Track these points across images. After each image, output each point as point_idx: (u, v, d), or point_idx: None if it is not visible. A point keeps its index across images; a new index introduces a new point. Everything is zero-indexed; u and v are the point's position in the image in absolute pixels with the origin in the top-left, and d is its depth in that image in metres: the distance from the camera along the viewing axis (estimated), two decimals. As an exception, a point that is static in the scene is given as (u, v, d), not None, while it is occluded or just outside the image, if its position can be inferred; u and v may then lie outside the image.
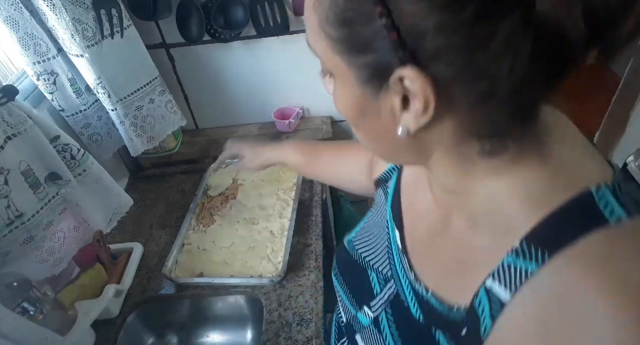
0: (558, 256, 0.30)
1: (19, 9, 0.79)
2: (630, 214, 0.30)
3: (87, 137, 1.02)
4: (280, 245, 0.95)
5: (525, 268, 0.31)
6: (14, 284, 0.71)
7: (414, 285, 0.44)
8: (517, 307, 0.32)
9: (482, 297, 0.34)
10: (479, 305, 0.34)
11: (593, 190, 0.31)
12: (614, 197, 0.31)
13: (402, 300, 0.45)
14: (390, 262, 0.49)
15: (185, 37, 1.11)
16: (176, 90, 1.27)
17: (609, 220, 0.30)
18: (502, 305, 0.32)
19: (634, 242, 0.29)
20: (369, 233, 0.55)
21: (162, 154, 1.25)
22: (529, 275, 0.31)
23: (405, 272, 0.46)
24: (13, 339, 0.62)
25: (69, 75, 0.92)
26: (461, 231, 0.40)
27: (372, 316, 0.49)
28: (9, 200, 0.71)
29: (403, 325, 0.45)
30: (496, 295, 0.33)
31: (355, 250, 0.56)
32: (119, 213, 0.99)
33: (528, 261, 0.31)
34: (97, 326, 0.83)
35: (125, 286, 0.89)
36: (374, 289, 0.50)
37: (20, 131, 0.74)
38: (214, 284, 0.90)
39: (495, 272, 0.33)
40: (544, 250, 0.31)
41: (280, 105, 1.31)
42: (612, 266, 0.28)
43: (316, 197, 1.10)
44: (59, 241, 0.83)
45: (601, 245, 0.29)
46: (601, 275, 0.28)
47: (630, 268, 0.28)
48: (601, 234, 0.29)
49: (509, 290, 0.32)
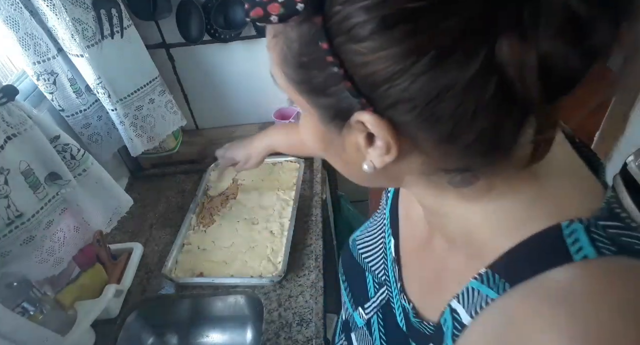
0: (517, 288, 0.30)
1: (19, 9, 0.79)
2: (601, 253, 0.28)
3: (87, 137, 1.02)
4: (280, 245, 0.95)
5: (487, 294, 0.31)
6: (14, 284, 0.71)
7: (400, 296, 0.45)
8: (474, 331, 0.32)
9: (447, 316, 0.35)
10: (444, 323, 0.35)
11: (563, 225, 0.30)
12: (587, 234, 0.29)
13: (391, 307, 0.46)
14: (385, 268, 0.50)
15: (185, 37, 1.11)
16: (176, 90, 1.27)
17: (573, 257, 0.29)
18: (462, 327, 0.33)
19: (594, 283, 0.28)
20: (371, 234, 0.56)
21: (162, 154, 1.25)
22: (489, 302, 0.31)
23: (396, 281, 0.47)
24: (13, 339, 0.62)
25: (69, 75, 0.92)
26: (441, 249, 0.41)
27: (365, 318, 0.50)
28: (9, 200, 0.71)
29: (390, 332, 0.46)
30: (459, 316, 0.34)
31: (356, 249, 0.56)
32: (119, 213, 0.99)
33: (490, 288, 0.31)
34: (97, 326, 0.83)
35: (125, 286, 0.89)
36: (368, 291, 0.51)
37: (20, 131, 0.74)
38: (214, 284, 0.90)
39: (461, 295, 0.34)
40: (505, 281, 0.31)
41: (280, 105, 1.31)
42: (568, 305, 0.27)
43: (316, 197, 1.10)
44: (59, 241, 0.83)
45: (559, 283, 0.28)
46: (553, 314, 0.27)
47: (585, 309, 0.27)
48: (562, 271, 0.29)
49: (469, 314, 0.32)
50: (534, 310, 0.28)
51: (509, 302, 0.30)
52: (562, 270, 0.29)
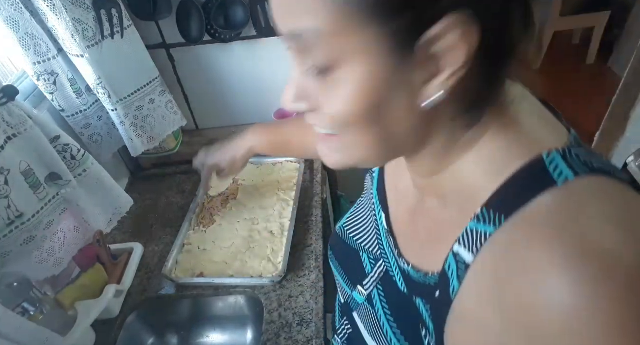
0: (511, 218, 0.33)
1: (19, 9, 0.79)
2: (577, 174, 0.32)
3: (87, 137, 1.02)
4: (280, 245, 0.95)
5: (484, 231, 0.34)
6: (14, 284, 0.71)
7: (398, 261, 0.47)
8: (477, 267, 0.34)
9: (450, 261, 0.37)
10: (449, 268, 0.38)
11: (544, 155, 0.34)
12: (563, 160, 0.33)
13: (390, 275, 0.49)
14: (379, 243, 0.52)
15: (185, 37, 1.11)
16: (176, 90, 1.27)
17: (556, 181, 0.32)
18: (466, 267, 0.35)
19: (576, 199, 0.31)
20: (359, 217, 0.59)
21: (162, 154, 1.25)
22: (487, 237, 0.34)
23: (392, 249, 0.49)
24: (13, 339, 0.62)
25: (69, 75, 0.92)
26: (433, 208, 0.43)
27: (365, 293, 0.52)
28: (9, 200, 0.71)
29: (392, 298, 0.49)
30: (462, 258, 0.36)
31: (346, 234, 0.59)
32: (119, 213, 0.99)
33: (487, 225, 0.34)
34: (97, 326, 0.83)
35: (125, 286, 0.89)
36: (365, 268, 0.53)
37: (20, 131, 0.74)
38: (214, 284, 0.90)
39: (461, 237, 0.36)
40: (500, 214, 0.33)
41: (280, 105, 1.31)
42: (557, 225, 0.30)
43: (316, 197, 1.10)
44: (59, 241, 0.83)
45: (547, 205, 0.32)
46: (545, 232, 0.30)
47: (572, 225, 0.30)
48: (548, 195, 0.32)
49: (472, 252, 0.35)
50: (527, 235, 0.31)
51: (504, 232, 0.33)
52: (547, 194, 0.32)
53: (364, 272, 0.53)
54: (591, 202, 0.31)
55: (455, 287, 0.36)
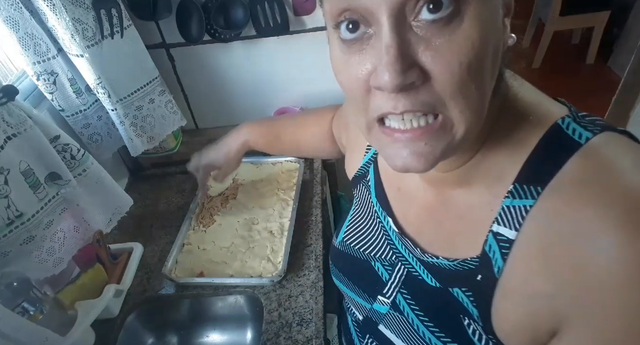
0: (548, 187, 0.34)
1: (19, 9, 0.79)
2: (594, 133, 0.34)
3: (87, 137, 1.02)
4: (280, 245, 0.95)
5: (524, 205, 0.35)
6: (14, 284, 0.71)
7: (423, 258, 0.46)
8: (523, 240, 0.35)
9: (491, 242, 0.38)
10: (490, 249, 0.38)
11: (559, 122, 0.35)
12: (577, 124, 0.35)
13: (414, 276, 0.48)
14: (392, 248, 0.51)
15: (185, 37, 1.11)
16: (176, 90, 1.27)
17: (580, 142, 0.34)
18: (510, 243, 0.36)
19: (605, 155, 0.33)
20: (359, 228, 0.57)
21: (162, 154, 1.25)
22: (528, 210, 0.35)
23: (410, 251, 0.48)
24: (13, 339, 0.62)
25: (69, 75, 0.92)
26: (458, 198, 0.43)
27: (389, 302, 0.51)
28: (9, 200, 0.71)
29: (422, 298, 0.47)
30: (504, 236, 0.36)
31: (350, 248, 0.57)
32: (119, 213, 0.99)
33: (525, 199, 0.35)
34: (97, 326, 0.83)
35: (125, 286, 0.89)
36: (382, 277, 0.52)
37: (20, 131, 0.74)
38: (214, 284, 0.90)
39: (499, 217, 0.37)
40: (536, 186, 0.34)
41: (280, 105, 1.31)
42: (596, 181, 0.31)
43: (316, 197, 1.10)
44: (59, 241, 0.83)
45: (580, 166, 0.33)
46: (589, 192, 0.31)
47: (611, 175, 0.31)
48: (578, 157, 0.33)
49: (514, 228, 0.36)
50: (571, 199, 0.32)
51: (545, 201, 0.34)
52: (576, 157, 0.33)
53: (382, 281, 0.51)
54: (618, 154, 0.33)
55: (500, 266, 0.37)
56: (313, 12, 1.09)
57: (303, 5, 1.08)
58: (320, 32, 1.12)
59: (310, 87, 1.26)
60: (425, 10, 0.28)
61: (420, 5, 0.28)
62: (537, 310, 0.34)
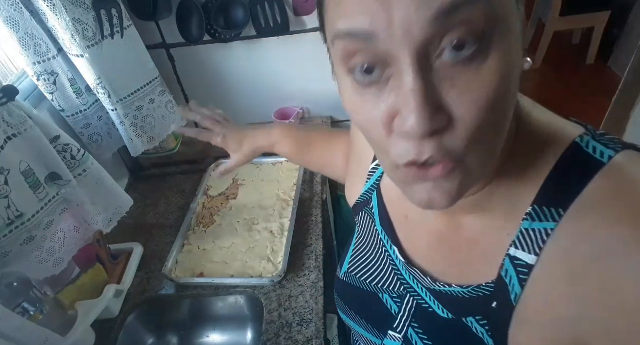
0: (571, 208, 0.32)
1: (19, 9, 0.79)
2: (615, 150, 0.33)
3: (87, 137, 1.02)
4: (280, 245, 0.95)
5: (544, 228, 0.33)
6: (14, 284, 0.71)
7: (433, 287, 0.44)
8: (544, 265, 0.33)
9: (507, 267, 0.36)
10: (506, 274, 0.36)
11: (578, 141, 0.34)
12: (596, 141, 0.33)
13: (424, 308, 0.45)
14: (399, 278, 0.48)
15: (185, 37, 1.11)
16: (176, 90, 1.27)
17: (603, 161, 0.32)
18: (529, 268, 0.34)
19: (630, 173, 0.31)
20: (365, 258, 0.53)
21: (162, 154, 1.25)
22: (549, 233, 0.33)
23: (419, 280, 0.46)
24: (13, 339, 0.62)
25: (69, 75, 0.92)
26: (471, 223, 0.41)
27: (400, 337, 0.48)
28: (9, 200, 0.71)
29: (434, 330, 0.45)
30: (521, 260, 0.35)
31: (356, 279, 0.53)
32: (119, 213, 0.99)
33: (545, 221, 0.33)
34: (97, 326, 0.83)
35: (125, 286, 0.89)
36: (390, 310, 0.49)
37: (20, 131, 0.74)
38: (214, 284, 0.90)
39: (516, 240, 0.35)
40: (557, 208, 0.33)
41: (280, 105, 1.31)
42: (624, 199, 0.30)
43: (316, 197, 1.10)
44: (59, 241, 0.83)
45: (605, 185, 0.31)
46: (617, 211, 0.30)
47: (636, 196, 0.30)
48: (602, 176, 0.32)
49: (533, 252, 0.34)
50: (597, 220, 0.31)
51: (568, 224, 0.32)
52: (599, 176, 0.32)
53: (392, 314, 0.49)
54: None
55: (517, 292, 0.35)
56: (313, 12, 1.10)
57: (303, 5, 1.08)
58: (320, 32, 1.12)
59: (310, 87, 1.26)
60: (449, 49, 0.26)
61: (444, 45, 0.26)
62: (557, 336, 0.33)
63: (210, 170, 1.20)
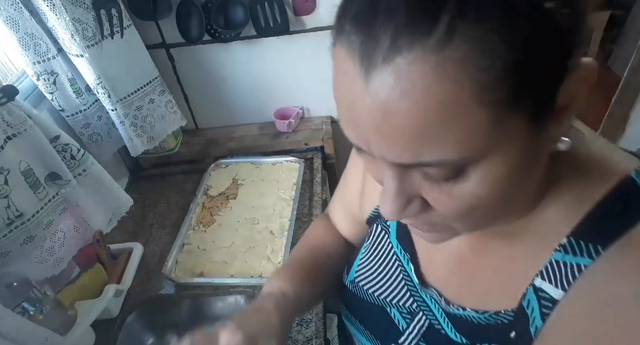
0: (612, 247, 0.30)
1: (19, 9, 0.79)
2: None
3: (87, 137, 1.02)
4: (280, 245, 0.95)
5: (577, 263, 0.31)
6: (14, 284, 0.71)
7: (449, 310, 0.42)
8: (571, 302, 0.31)
9: (530, 297, 0.34)
10: (528, 305, 0.34)
11: (633, 176, 0.31)
12: None
13: (437, 330, 0.43)
14: (414, 295, 0.47)
15: (185, 37, 1.11)
16: (176, 90, 1.27)
17: None
18: (553, 303, 0.32)
19: None
20: (373, 269, 0.51)
21: (162, 154, 1.25)
22: (582, 270, 0.31)
23: (436, 301, 0.44)
24: (13, 339, 0.62)
25: (69, 75, 0.92)
26: (497, 250, 0.39)
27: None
28: (9, 200, 0.71)
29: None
30: (547, 293, 0.33)
31: (362, 290, 0.52)
32: (119, 213, 0.99)
33: (579, 257, 0.31)
34: (97, 326, 0.83)
35: (125, 286, 0.89)
36: (398, 325, 0.47)
37: (20, 131, 0.74)
38: (214, 284, 0.90)
39: (544, 271, 0.33)
40: (595, 245, 0.30)
41: (280, 105, 1.31)
42: None
43: (316, 197, 1.10)
44: (59, 241, 0.83)
45: None
46: None
47: None
48: None
49: (560, 287, 0.32)
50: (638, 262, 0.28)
51: (605, 263, 0.30)
52: None
53: (398, 330, 0.47)
54: None
55: (538, 325, 0.33)
56: (313, 12, 1.09)
57: (303, 5, 1.08)
58: (320, 32, 1.12)
59: (310, 87, 1.26)
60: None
61: None
62: None
63: (210, 170, 1.20)
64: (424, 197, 0.30)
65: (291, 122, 1.26)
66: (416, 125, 0.24)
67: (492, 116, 0.24)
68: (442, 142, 0.25)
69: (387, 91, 0.24)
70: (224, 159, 1.25)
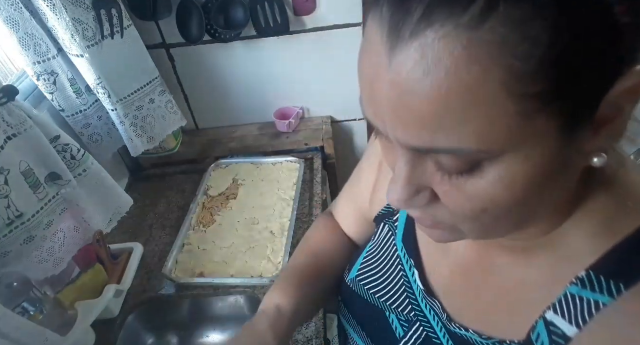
0: (636, 287, 0.27)
1: (19, 9, 0.79)
2: None
3: (87, 137, 1.02)
4: (280, 245, 0.95)
5: (595, 300, 0.29)
6: (14, 284, 0.71)
7: (449, 326, 0.40)
8: (585, 340, 0.29)
9: (540, 331, 0.32)
10: (537, 339, 0.32)
11: None
12: None
13: (434, 343, 0.41)
14: (413, 303, 0.44)
15: (185, 37, 1.11)
16: (176, 90, 1.27)
17: None
18: (566, 340, 0.30)
19: None
20: (375, 270, 0.50)
21: (162, 154, 1.25)
22: (600, 308, 0.28)
23: (436, 313, 0.42)
24: (13, 339, 0.62)
25: (69, 75, 0.92)
26: (508, 268, 0.36)
27: None
28: (9, 200, 0.71)
29: None
30: (559, 329, 0.30)
31: (363, 289, 0.50)
32: (119, 213, 0.99)
33: (598, 293, 0.29)
34: (97, 326, 0.83)
35: (125, 286, 0.89)
36: (395, 331, 0.45)
37: (20, 131, 0.74)
38: (214, 284, 0.90)
39: (557, 304, 0.31)
40: (617, 282, 0.28)
41: (280, 105, 1.31)
42: None
43: (316, 197, 1.10)
44: (59, 241, 0.83)
45: None
46: None
47: None
48: None
49: (574, 324, 0.30)
50: None
51: (627, 304, 0.28)
52: None
53: (395, 337, 0.45)
54: None
55: None
56: (313, 12, 1.09)
57: (303, 5, 1.08)
58: (320, 32, 1.12)
59: (310, 87, 1.26)
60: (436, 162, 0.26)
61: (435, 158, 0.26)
62: None
63: (210, 170, 1.20)
64: (434, 190, 0.28)
65: (291, 122, 1.26)
66: (435, 108, 0.22)
67: (520, 111, 0.21)
68: (459, 130, 0.23)
69: (409, 67, 0.22)
70: (224, 159, 1.26)
